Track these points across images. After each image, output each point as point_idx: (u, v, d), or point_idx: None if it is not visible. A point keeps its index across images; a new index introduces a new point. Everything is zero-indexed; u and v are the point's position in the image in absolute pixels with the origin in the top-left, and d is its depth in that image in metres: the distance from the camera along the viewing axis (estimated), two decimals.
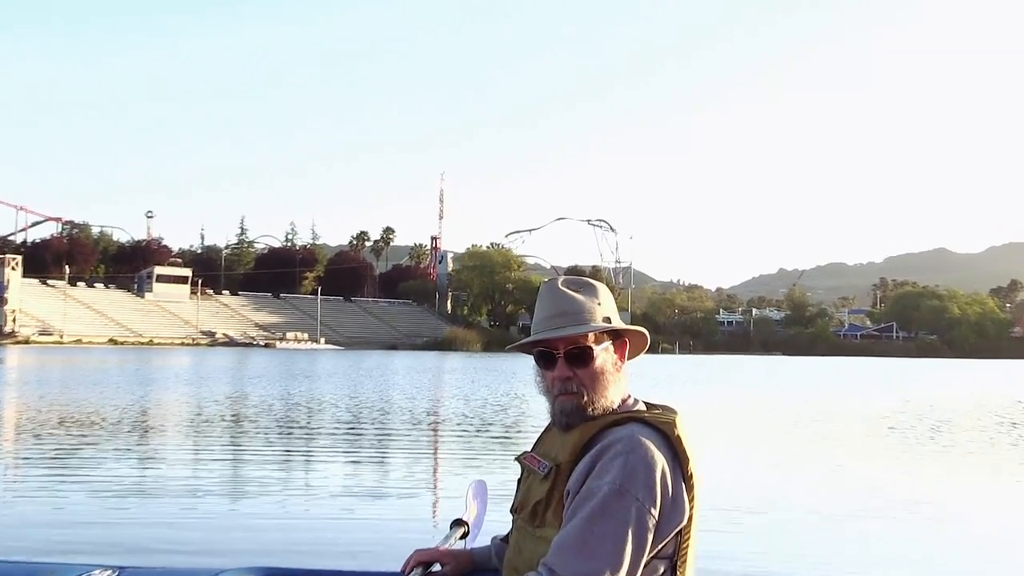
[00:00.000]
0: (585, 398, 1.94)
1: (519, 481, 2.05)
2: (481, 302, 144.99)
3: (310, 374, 37.12)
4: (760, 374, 48.35)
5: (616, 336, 2.01)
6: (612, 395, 1.96)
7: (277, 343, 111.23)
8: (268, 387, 27.35)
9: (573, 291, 2.00)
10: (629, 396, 2.00)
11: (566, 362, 1.93)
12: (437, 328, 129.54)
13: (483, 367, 50.67)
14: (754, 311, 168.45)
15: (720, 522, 6.78)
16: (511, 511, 2.05)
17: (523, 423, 17.01)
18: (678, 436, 1.88)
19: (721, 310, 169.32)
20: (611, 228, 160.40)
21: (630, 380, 2.04)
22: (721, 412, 19.94)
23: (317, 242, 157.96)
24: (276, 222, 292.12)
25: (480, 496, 2.52)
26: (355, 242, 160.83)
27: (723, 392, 29.16)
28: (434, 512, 7.69)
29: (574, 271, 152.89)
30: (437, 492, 8.79)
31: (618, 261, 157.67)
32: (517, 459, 2.06)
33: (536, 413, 18.48)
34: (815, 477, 10.15)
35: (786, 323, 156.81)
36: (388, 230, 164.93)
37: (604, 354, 1.97)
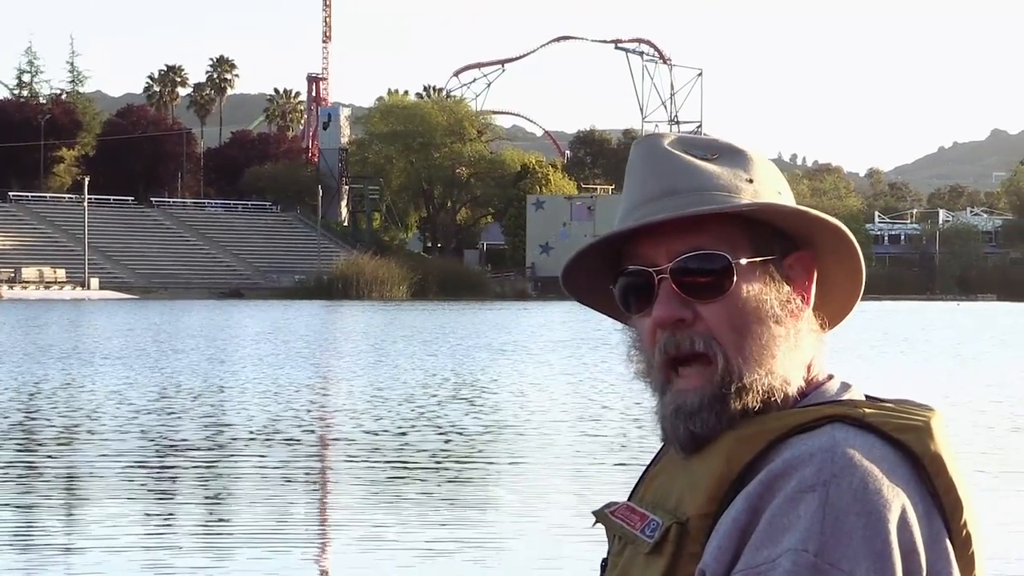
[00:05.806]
0: (722, 365, 1.98)
1: (604, 564, 2.16)
2: (407, 203, 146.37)
3: (68, 351, 37.55)
4: (960, 340, 48.81)
5: (787, 246, 2.07)
6: (783, 365, 2.01)
7: (3, 288, 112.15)
8: None
9: (697, 157, 2.06)
10: (825, 375, 2.07)
11: (678, 287, 1.99)
12: (322, 255, 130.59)
13: (426, 330, 51.03)
14: (942, 215, 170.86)
15: None
16: None
17: (586, 453, 17.65)
18: (936, 456, 1.93)
19: (878, 213, 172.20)
20: (661, 57, 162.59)
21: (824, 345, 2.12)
22: None
23: (82, 89, 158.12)
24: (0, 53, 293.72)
25: None
26: (156, 88, 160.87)
27: (893, 375, 29.57)
28: None
29: (587, 140, 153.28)
30: None
31: (675, 118, 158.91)
32: (597, 516, 2.18)
33: (614, 436, 19.38)
34: None
35: (1005, 238, 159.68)
36: (222, 64, 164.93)
37: (760, 280, 2.03)
